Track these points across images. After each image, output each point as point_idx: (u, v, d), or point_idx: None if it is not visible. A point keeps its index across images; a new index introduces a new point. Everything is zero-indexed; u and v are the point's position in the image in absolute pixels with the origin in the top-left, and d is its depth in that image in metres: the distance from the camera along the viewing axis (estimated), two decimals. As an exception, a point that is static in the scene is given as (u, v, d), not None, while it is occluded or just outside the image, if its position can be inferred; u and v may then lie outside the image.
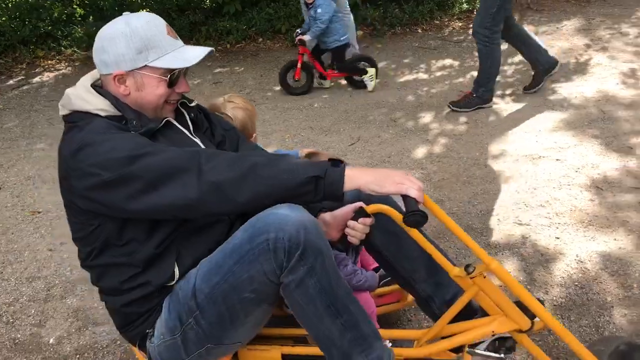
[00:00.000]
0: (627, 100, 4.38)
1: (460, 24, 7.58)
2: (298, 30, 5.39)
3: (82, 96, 1.58)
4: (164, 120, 1.65)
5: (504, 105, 4.59)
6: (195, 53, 1.62)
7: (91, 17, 7.92)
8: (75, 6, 8.02)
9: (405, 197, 1.47)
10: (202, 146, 1.70)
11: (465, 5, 8.09)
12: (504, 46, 6.09)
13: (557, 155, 3.63)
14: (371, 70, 5.26)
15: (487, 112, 4.45)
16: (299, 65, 5.33)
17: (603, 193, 3.12)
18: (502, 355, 1.68)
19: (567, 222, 2.87)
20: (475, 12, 4.41)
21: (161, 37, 1.58)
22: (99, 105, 1.57)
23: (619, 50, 5.63)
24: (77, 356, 2.25)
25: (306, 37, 5.16)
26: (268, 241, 1.41)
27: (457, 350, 1.73)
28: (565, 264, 2.54)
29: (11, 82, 6.61)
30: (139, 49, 1.55)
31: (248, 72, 6.39)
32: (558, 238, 2.75)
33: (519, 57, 5.73)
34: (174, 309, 1.58)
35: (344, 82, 5.53)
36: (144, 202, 1.44)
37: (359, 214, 1.63)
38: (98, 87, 1.63)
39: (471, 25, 4.46)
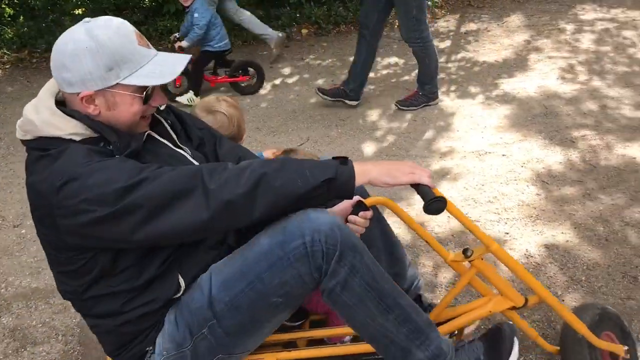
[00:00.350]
0: (567, 95, 4.50)
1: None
2: (176, 34, 5.13)
3: (49, 121, 1.39)
4: (146, 135, 1.51)
5: (449, 103, 4.63)
6: (172, 65, 1.46)
7: (21, 17, 7.55)
8: (4, 6, 7.64)
9: (418, 186, 1.49)
10: (191, 158, 1.60)
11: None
12: (446, 43, 6.21)
13: (502, 150, 3.68)
14: (196, 100, 5.03)
15: (433, 110, 4.48)
16: None
17: (549, 187, 3.18)
18: None
19: (516, 217, 2.91)
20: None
21: (132, 48, 1.41)
22: (71, 129, 1.39)
23: (557, 46, 5.79)
24: (15, 380, 2.11)
25: (183, 44, 4.95)
26: (305, 244, 1.36)
27: (451, 334, 1.79)
28: (516, 259, 2.56)
29: (-64, 86, 6.22)
30: (108, 65, 1.38)
31: (191, 73, 6.22)
32: (507, 233, 2.78)
33: (461, 54, 5.83)
34: (183, 321, 1.48)
35: (289, 81, 5.46)
36: (149, 232, 1.33)
37: (359, 208, 1.63)
38: (62, 105, 1.46)
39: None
